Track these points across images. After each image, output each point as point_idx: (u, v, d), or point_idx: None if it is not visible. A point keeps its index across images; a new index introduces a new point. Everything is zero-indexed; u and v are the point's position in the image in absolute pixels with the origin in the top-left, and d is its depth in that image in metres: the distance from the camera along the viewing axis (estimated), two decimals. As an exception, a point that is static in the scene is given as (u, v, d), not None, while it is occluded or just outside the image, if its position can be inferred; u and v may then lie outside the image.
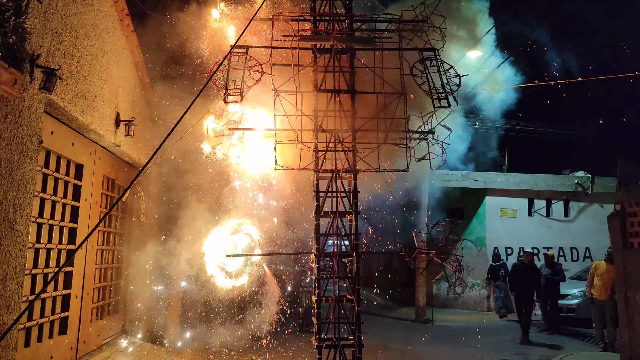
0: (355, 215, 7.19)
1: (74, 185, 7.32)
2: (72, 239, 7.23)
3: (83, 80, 6.53)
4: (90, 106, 6.83)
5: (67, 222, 7.09)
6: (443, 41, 7.68)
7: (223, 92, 6.81)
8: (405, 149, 7.25)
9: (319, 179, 7.31)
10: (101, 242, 8.70)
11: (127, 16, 8.29)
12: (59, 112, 6.14)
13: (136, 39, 8.88)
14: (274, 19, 7.32)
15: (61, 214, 6.91)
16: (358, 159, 7.31)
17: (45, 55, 5.38)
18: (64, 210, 7.03)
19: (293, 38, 7.11)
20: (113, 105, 7.87)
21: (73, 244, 7.16)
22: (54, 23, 5.58)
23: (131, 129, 8.28)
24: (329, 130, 7.40)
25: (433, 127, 7.39)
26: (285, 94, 7.20)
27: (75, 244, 7.17)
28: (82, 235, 7.38)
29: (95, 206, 8.04)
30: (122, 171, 9.47)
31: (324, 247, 7.20)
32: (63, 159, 6.89)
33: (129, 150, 8.81)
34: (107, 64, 7.54)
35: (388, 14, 7.62)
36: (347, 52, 7.63)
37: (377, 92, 7.37)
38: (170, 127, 5.15)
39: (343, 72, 7.65)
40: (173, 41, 11.90)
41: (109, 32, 7.59)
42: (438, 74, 7.38)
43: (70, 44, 6.05)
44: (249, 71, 7.03)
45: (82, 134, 7.34)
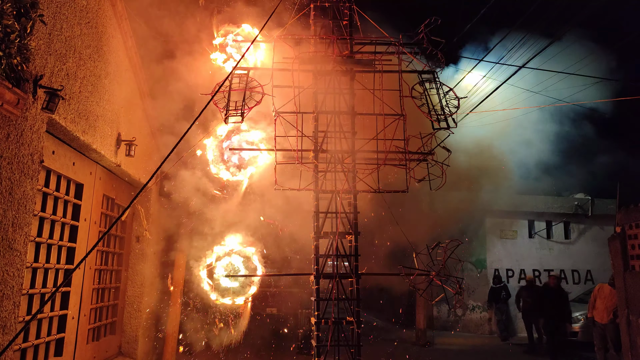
0: (355, 236, 7.18)
1: (73, 204, 7.32)
2: (71, 258, 7.20)
3: (85, 101, 6.59)
4: (92, 126, 6.88)
5: (66, 241, 7.07)
6: (442, 64, 7.78)
7: (224, 112, 6.87)
8: (405, 170, 7.27)
9: (319, 199, 7.32)
10: (99, 262, 8.66)
11: (130, 38, 8.41)
12: (60, 131, 6.18)
13: (140, 60, 9.00)
14: (275, 41, 7.44)
15: (60, 234, 6.89)
16: (358, 179, 7.33)
17: (49, 76, 5.45)
18: (63, 230, 7.01)
19: (294, 60, 7.21)
20: (114, 125, 7.93)
21: (71, 264, 7.12)
22: (58, 44, 5.66)
23: (132, 149, 8.32)
24: (329, 151, 7.44)
25: (433, 149, 7.43)
26: (286, 115, 7.27)
27: (73, 264, 7.13)
28: (81, 255, 7.34)
29: (94, 226, 8.02)
30: (122, 190, 9.48)
31: (323, 268, 7.16)
32: (63, 178, 6.91)
33: (129, 170, 8.84)
34: (110, 84, 7.62)
35: (388, 37, 7.74)
36: (348, 74, 7.72)
37: (376, 113, 7.43)
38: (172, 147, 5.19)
39: (343, 94, 7.73)
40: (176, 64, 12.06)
41: (112, 54, 7.70)
42: (437, 96, 7.46)
43: (73, 65, 6.13)
44: (249, 92, 7.11)
45: (83, 154, 7.37)
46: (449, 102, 7.42)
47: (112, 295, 9.42)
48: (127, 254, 10.10)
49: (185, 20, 12.54)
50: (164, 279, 11.71)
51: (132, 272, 10.15)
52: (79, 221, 7.42)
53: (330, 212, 7.38)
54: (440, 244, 7.30)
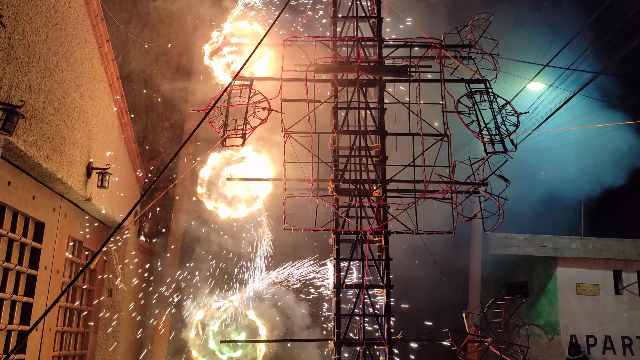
0: (387, 291, 7.10)
1: (31, 248, 7.42)
2: (26, 317, 7.24)
3: (50, 119, 6.77)
4: (58, 150, 7.04)
5: (21, 295, 7.13)
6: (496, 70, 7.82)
7: (221, 133, 6.97)
8: (451, 205, 7.23)
9: (340, 242, 7.30)
10: (62, 322, 8.69)
11: (107, 42, 8.68)
12: (19, 157, 6.33)
13: (117, 69, 9.25)
14: (285, 44, 7.59)
15: (14, 286, 6.96)
16: (390, 217, 7.30)
17: (7, 89, 5.63)
18: (18, 281, 7.09)
19: (308, 68, 7.32)
20: (85, 149, 8.10)
21: (27, 325, 7.15)
22: (19, 51, 5.87)
23: (105, 179, 8.46)
24: (353, 181, 7.46)
25: (486, 178, 7.40)
26: (298, 136, 7.34)
27: (29, 324, 7.17)
28: (39, 312, 7.38)
29: (56, 276, 8.09)
30: (92, 231, 9.59)
31: (346, 332, 7.07)
32: (20, 215, 7.03)
33: (101, 205, 8.96)
34: (80, 99, 7.83)
35: (426, 38, 7.83)
36: (376, 84, 7.81)
37: (413, 133, 7.46)
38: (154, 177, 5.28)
39: (370, 109, 7.80)
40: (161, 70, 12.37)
41: (84, 62, 7.94)
42: (491, 111, 7.47)
43: (37, 75, 6.33)
44: (253, 108, 7.22)
45: (46, 185, 7.52)
46: (505, 119, 7.43)
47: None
48: (96, 312, 10.13)
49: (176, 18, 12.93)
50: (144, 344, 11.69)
51: (102, 335, 10.15)
52: (38, 269, 7.50)
53: (355, 258, 7.34)
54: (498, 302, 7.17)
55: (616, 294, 17.52)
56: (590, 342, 17.08)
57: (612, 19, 13.53)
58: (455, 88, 7.69)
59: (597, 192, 18.09)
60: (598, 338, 17.11)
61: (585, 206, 18.40)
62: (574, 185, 17.51)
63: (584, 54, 13.50)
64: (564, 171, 17.43)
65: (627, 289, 17.62)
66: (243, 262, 11.74)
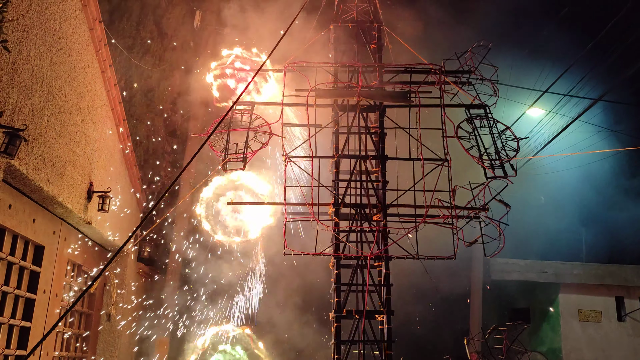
0: (388, 316, 7.06)
1: (30, 272, 7.40)
2: (23, 342, 7.18)
3: (52, 143, 6.81)
4: (59, 174, 7.06)
5: (19, 319, 7.09)
6: (496, 96, 7.88)
7: (222, 157, 7.00)
8: (451, 230, 7.22)
9: (340, 267, 7.27)
10: (60, 347, 8.61)
11: (110, 67, 8.77)
12: (20, 181, 6.35)
13: (119, 93, 9.33)
14: (286, 69, 7.67)
15: (12, 310, 6.92)
16: (390, 241, 7.29)
17: (10, 113, 5.67)
18: (16, 305, 7.05)
19: (309, 93, 7.39)
20: (86, 172, 8.13)
21: (24, 349, 7.10)
22: (23, 75, 5.93)
23: (106, 203, 8.47)
24: (353, 205, 7.47)
25: (486, 203, 7.40)
26: (299, 160, 7.37)
27: (26, 348, 7.11)
28: (37, 337, 7.33)
29: (55, 300, 8.05)
30: (92, 254, 9.56)
31: (347, 358, 7.00)
32: (20, 239, 7.02)
33: (101, 229, 8.95)
34: (83, 123, 7.88)
35: (426, 64, 7.91)
36: (376, 109, 7.87)
37: (413, 158, 7.49)
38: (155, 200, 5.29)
39: (370, 134, 7.84)
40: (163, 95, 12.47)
41: (87, 86, 8.01)
42: (491, 136, 7.52)
43: (40, 99, 6.39)
44: (254, 132, 7.27)
45: (46, 208, 7.53)
46: (505, 144, 7.46)
47: (73, 390, 9.30)
48: (94, 337, 10.04)
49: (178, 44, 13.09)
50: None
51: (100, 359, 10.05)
52: (37, 293, 7.46)
53: (355, 284, 7.31)
54: (500, 328, 7.12)
55: (619, 320, 17.37)
56: (593, 370, 16.88)
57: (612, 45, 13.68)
58: (455, 113, 7.74)
59: (598, 217, 18.07)
60: (601, 365, 16.91)
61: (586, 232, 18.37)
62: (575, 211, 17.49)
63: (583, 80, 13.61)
64: (565, 196, 17.42)
65: (629, 315, 17.47)
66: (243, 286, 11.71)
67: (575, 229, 17.84)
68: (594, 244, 17.84)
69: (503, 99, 8.14)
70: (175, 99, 13.34)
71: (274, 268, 10.97)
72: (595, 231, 18.00)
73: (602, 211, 18.06)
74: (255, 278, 11.49)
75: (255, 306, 11.69)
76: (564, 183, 17.11)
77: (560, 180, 16.90)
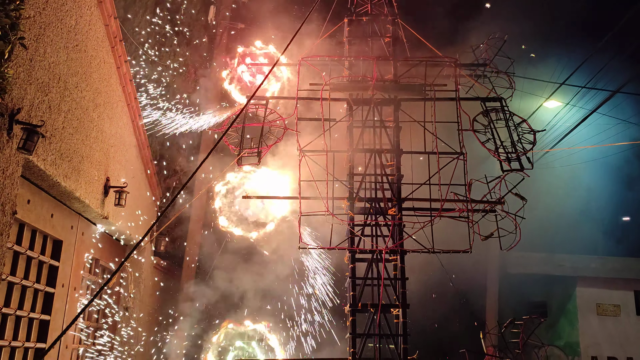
0: (403, 310, 7.05)
1: (49, 266, 7.49)
2: (43, 335, 7.28)
3: (69, 139, 6.88)
4: (76, 169, 7.13)
5: (38, 313, 7.18)
6: (512, 89, 7.82)
7: (237, 152, 7.02)
8: (467, 224, 7.18)
9: (355, 261, 7.27)
10: (78, 340, 8.72)
11: (125, 63, 8.82)
12: (38, 176, 6.43)
13: (134, 89, 9.39)
14: (300, 63, 7.67)
15: (32, 303, 7.02)
16: (406, 235, 7.27)
17: (28, 109, 5.74)
18: (36, 298, 7.15)
19: (323, 87, 7.38)
20: (102, 168, 8.20)
21: (43, 342, 7.20)
22: (40, 72, 5.99)
23: (122, 197, 8.54)
24: (368, 199, 7.46)
25: (502, 196, 7.35)
26: (313, 154, 7.37)
27: (46, 341, 7.21)
28: (56, 330, 7.43)
29: (73, 293, 8.15)
30: (109, 248, 9.66)
31: (362, 352, 7.01)
32: (39, 233, 7.11)
33: (118, 224, 9.03)
34: (99, 118, 7.95)
35: (441, 57, 7.86)
36: (391, 103, 7.84)
37: (428, 151, 7.46)
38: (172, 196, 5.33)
39: (385, 127, 7.82)
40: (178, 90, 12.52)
41: (103, 82, 8.07)
42: (507, 129, 7.46)
43: (57, 95, 6.45)
44: (268, 127, 7.28)
45: (64, 203, 7.61)
46: (521, 137, 7.40)
47: (92, 383, 9.42)
48: (112, 330, 10.16)
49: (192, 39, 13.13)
50: None
51: (118, 352, 10.15)
52: (56, 287, 7.56)
53: (371, 277, 7.31)
54: (516, 322, 7.09)
55: (637, 314, 17.20)
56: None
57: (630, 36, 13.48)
58: (470, 106, 7.69)
59: (616, 210, 17.88)
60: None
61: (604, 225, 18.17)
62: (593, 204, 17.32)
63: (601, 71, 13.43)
64: (582, 189, 17.25)
65: (648, 309, 17.27)
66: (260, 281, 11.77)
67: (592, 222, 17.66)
68: (612, 237, 17.66)
69: (519, 91, 8.06)
70: (190, 93, 13.39)
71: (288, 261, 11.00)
72: (613, 224, 17.82)
73: (621, 204, 17.86)
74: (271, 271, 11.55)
75: (271, 301, 11.76)
76: (582, 176, 16.93)
77: (578, 173, 16.72)
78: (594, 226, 17.67)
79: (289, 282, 11.41)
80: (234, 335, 9.87)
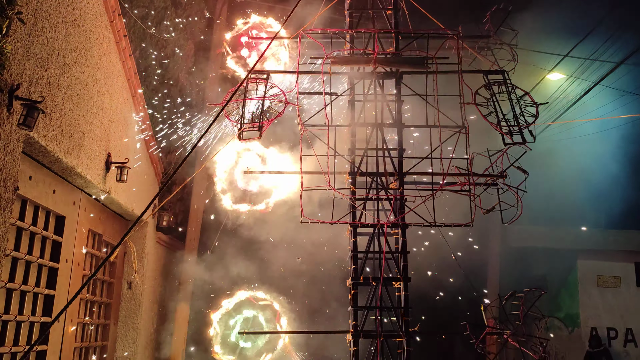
0: (405, 283, 7.10)
1: (52, 241, 7.54)
2: (48, 309, 7.37)
3: (70, 114, 6.86)
4: (77, 145, 7.13)
5: (43, 287, 7.26)
6: (514, 61, 7.75)
7: (238, 127, 7.00)
8: (469, 198, 7.19)
9: (357, 235, 7.30)
10: (83, 314, 8.83)
11: (124, 37, 8.75)
12: (39, 152, 6.43)
13: (134, 64, 9.33)
14: (301, 37, 7.59)
15: (36, 278, 7.09)
16: (407, 209, 7.29)
17: (27, 85, 5.71)
18: (40, 273, 7.22)
19: (324, 60, 7.32)
20: (104, 144, 8.20)
21: (49, 316, 7.29)
22: (38, 47, 5.95)
23: (124, 173, 8.55)
24: (370, 174, 7.46)
25: (504, 170, 7.35)
26: (314, 129, 7.35)
27: (51, 315, 7.30)
28: (60, 304, 7.51)
29: (77, 268, 8.22)
30: (111, 224, 9.71)
31: (364, 325, 7.09)
32: (42, 209, 7.14)
33: (120, 199, 9.06)
34: (99, 94, 7.91)
35: (443, 29, 7.78)
36: (393, 76, 7.78)
37: (430, 125, 7.43)
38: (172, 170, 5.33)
39: (387, 102, 7.78)
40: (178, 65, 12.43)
41: (102, 57, 8.02)
42: (509, 102, 7.41)
43: (56, 71, 6.41)
44: (269, 101, 7.24)
45: (66, 179, 7.63)
46: (524, 110, 7.36)
47: (98, 355, 9.56)
48: (116, 304, 10.27)
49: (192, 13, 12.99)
50: (163, 336, 11.83)
51: (122, 326, 10.29)
52: (59, 262, 7.62)
53: (372, 251, 7.35)
54: (517, 294, 7.13)
55: (638, 286, 17.31)
56: (611, 335, 16.92)
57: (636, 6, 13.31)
58: (473, 79, 7.63)
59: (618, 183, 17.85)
60: (619, 331, 16.95)
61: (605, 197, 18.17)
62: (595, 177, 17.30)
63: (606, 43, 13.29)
64: (584, 162, 17.21)
65: (649, 281, 17.38)
66: (264, 254, 11.85)
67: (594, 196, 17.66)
68: (614, 211, 17.67)
69: (522, 64, 7.98)
70: (190, 68, 13.30)
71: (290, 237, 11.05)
72: (615, 197, 17.80)
73: (623, 177, 17.82)
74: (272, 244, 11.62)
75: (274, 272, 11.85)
76: (584, 149, 16.87)
77: (581, 146, 16.66)
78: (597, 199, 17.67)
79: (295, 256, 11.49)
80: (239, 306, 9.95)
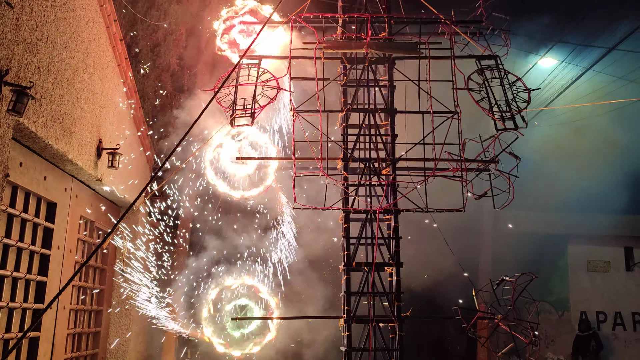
0: (396, 268, 7.14)
1: (44, 228, 7.51)
2: (40, 296, 7.36)
3: (60, 100, 6.80)
4: (68, 131, 7.08)
5: (35, 274, 7.24)
6: (507, 47, 7.74)
7: (230, 112, 6.97)
8: (461, 183, 7.21)
9: (349, 221, 7.32)
10: (75, 300, 8.82)
11: (114, 22, 8.66)
12: (29, 138, 6.38)
13: (125, 49, 9.24)
14: (293, 22, 7.54)
15: (28, 265, 7.06)
16: (399, 195, 7.31)
17: (16, 71, 5.65)
18: (32, 260, 7.19)
19: (317, 45, 7.29)
20: (95, 130, 8.14)
21: (41, 303, 7.27)
22: (27, 32, 5.87)
23: (116, 160, 8.51)
24: (362, 160, 7.46)
25: (496, 155, 7.37)
26: (307, 115, 7.33)
27: (43, 302, 7.29)
28: (53, 291, 7.50)
29: (69, 255, 8.20)
30: (104, 211, 9.68)
31: (356, 310, 7.13)
32: (33, 196, 7.10)
33: (112, 185, 9.03)
34: (89, 79, 7.84)
35: (436, 14, 7.75)
36: (385, 61, 7.76)
37: (422, 111, 7.43)
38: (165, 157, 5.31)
39: (380, 87, 7.76)
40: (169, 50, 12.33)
41: (92, 42, 7.93)
42: (501, 88, 7.42)
43: (46, 56, 6.34)
44: (261, 87, 7.20)
45: (57, 166, 7.58)
46: (516, 96, 7.37)
47: (91, 342, 9.57)
48: (109, 291, 10.27)
49: None
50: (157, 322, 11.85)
51: (115, 313, 10.30)
52: (51, 249, 7.60)
53: (364, 237, 7.37)
54: (508, 279, 7.19)
55: (627, 270, 17.49)
56: (600, 319, 17.13)
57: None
58: (465, 65, 7.62)
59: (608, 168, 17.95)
60: (608, 314, 17.16)
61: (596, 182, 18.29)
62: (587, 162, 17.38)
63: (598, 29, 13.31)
64: (576, 148, 17.28)
65: (638, 265, 17.57)
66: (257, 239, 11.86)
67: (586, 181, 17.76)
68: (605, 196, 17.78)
69: (515, 49, 7.98)
70: (182, 54, 13.19)
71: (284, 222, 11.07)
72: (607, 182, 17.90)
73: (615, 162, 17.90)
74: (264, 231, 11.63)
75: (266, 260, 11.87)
76: (576, 134, 16.94)
77: (572, 132, 16.72)
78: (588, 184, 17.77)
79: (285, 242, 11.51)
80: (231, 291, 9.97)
